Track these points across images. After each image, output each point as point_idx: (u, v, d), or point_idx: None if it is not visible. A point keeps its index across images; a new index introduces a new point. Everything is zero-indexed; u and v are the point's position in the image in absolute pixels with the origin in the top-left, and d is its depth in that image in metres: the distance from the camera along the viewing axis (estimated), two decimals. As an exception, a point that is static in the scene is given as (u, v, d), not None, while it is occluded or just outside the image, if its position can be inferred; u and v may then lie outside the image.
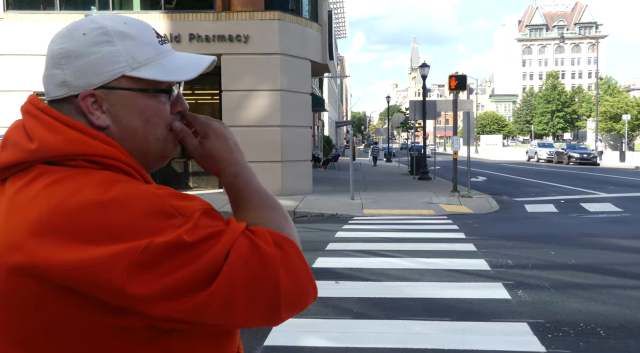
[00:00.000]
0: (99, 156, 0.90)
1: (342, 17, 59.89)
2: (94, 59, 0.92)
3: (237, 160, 1.01)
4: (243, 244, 0.87)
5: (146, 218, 0.84)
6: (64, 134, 0.90)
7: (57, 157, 0.89)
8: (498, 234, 9.23)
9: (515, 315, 4.79)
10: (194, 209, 0.88)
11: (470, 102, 18.18)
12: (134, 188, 0.87)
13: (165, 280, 0.82)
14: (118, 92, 0.93)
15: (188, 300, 0.83)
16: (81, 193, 0.85)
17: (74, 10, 14.83)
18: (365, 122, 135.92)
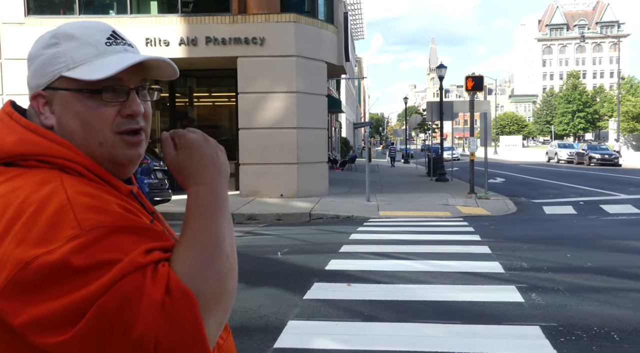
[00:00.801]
0: (49, 156, 0.92)
1: (359, 18, 59.80)
2: (42, 60, 0.96)
3: (205, 180, 0.94)
4: (131, 281, 0.81)
5: (45, 227, 0.82)
6: (18, 134, 0.93)
7: (12, 158, 0.92)
8: (514, 236, 9.15)
9: (527, 318, 4.74)
10: (99, 224, 0.83)
11: (487, 103, 18.04)
12: (54, 192, 0.86)
13: (36, 307, 0.79)
14: (59, 92, 0.95)
15: (53, 335, 0.79)
16: (15, 192, 0.87)
17: (92, 14, 15.05)
18: (384, 123, 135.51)
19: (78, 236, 0.81)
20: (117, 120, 0.97)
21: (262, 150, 14.70)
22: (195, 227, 0.91)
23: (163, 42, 14.66)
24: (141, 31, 14.63)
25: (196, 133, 0.98)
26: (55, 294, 0.79)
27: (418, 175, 25.92)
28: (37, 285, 0.80)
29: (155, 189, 11.07)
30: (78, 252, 0.80)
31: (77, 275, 0.80)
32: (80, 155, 0.94)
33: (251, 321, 4.69)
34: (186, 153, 0.96)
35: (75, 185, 0.89)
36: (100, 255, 0.81)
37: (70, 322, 0.79)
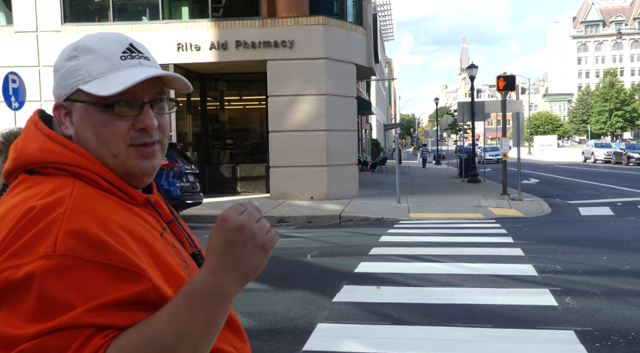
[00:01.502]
0: (66, 164, 0.94)
1: (389, 19, 59.56)
2: (63, 72, 0.99)
3: (210, 266, 0.85)
4: (59, 339, 0.79)
5: (28, 239, 0.84)
6: (39, 143, 0.96)
7: (33, 165, 0.96)
8: (548, 238, 8.97)
9: (561, 322, 4.64)
10: (73, 253, 0.82)
11: (519, 103, 17.75)
12: (57, 204, 0.87)
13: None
14: (77, 104, 0.98)
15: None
16: (29, 200, 0.89)
17: (126, 21, 15.35)
18: (414, 124, 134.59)
19: (48, 257, 0.82)
20: (131, 134, 0.98)
21: (292, 153, 14.76)
22: (168, 316, 0.83)
23: (194, 46, 14.85)
24: (173, 37, 14.86)
25: (241, 213, 0.87)
26: (6, 312, 0.81)
27: (449, 177, 25.65)
28: (0, 296, 0.82)
29: (187, 192, 11.21)
30: (42, 275, 0.81)
31: (29, 302, 0.80)
32: (96, 163, 0.96)
33: (280, 324, 4.71)
34: (213, 228, 0.87)
35: (83, 197, 0.90)
36: (58, 290, 0.80)
37: (5, 349, 0.81)
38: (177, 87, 1.08)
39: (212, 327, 0.85)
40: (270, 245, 0.88)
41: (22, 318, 0.80)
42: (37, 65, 15.26)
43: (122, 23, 15.20)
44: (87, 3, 16.26)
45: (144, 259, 0.89)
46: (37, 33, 15.29)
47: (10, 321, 0.81)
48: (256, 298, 5.51)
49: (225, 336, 1.01)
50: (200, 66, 15.77)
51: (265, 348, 4.17)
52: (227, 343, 1.02)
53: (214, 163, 17.78)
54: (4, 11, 15.64)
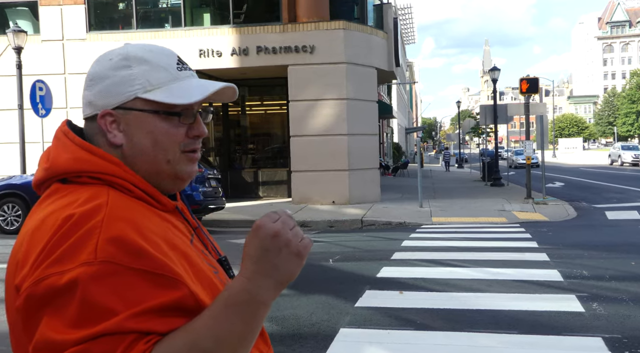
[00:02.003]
0: (100, 172, 0.96)
1: (410, 23, 59.40)
2: (113, 81, 0.99)
3: (247, 273, 0.87)
4: (103, 344, 0.81)
5: (69, 246, 0.85)
6: (72, 153, 0.98)
7: (66, 174, 0.97)
8: (574, 243, 8.83)
9: (588, 329, 4.55)
10: (114, 260, 0.84)
11: (543, 106, 17.53)
12: (94, 212, 0.89)
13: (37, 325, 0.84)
14: (133, 112, 0.99)
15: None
16: (65, 208, 0.91)
17: (149, 29, 15.55)
18: (436, 127, 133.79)
19: (90, 263, 0.83)
20: (185, 141, 1.02)
21: (314, 157, 14.78)
22: (207, 321, 0.85)
23: (216, 53, 14.99)
24: (195, 43, 15.01)
25: (276, 221, 0.88)
26: (51, 318, 0.83)
27: (472, 180, 25.42)
28: (43, 302, 0.84)
29: (210, 197, 11.29)
30: (85, 281, 0.83)
31: (72, 308, 0.82)
32: (129, 172, 0.97)
33: (303, 328, 4.70)
34: (249, 236, 0.89)
35: (120, 206, 0.92)
36: (101, 296, 0.82)
37: (49, 350, 0.82)
38: (223, 98, 1.10)
39: (249, 333, 0.87)
40: (305, 252, 0.89)
41: (66, 324, 0.82)
42: (63, 73, 15.54)
43: (145, 30, 15.40)
44: (112, 11, 16.52)
45: (180, 265, 0.91)
46: (63, 41, 15.58)
47: (54, 326, 0.82)
48: (279, 303, 5.51)
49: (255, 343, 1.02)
50: (222, 72, 15.89)
51: (287, 354, 4.16)
52: (255, 348, 1.03)
53: (236, 168, 17.88)
54: (32, 21, 15.96)
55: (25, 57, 13.02)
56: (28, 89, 12.35)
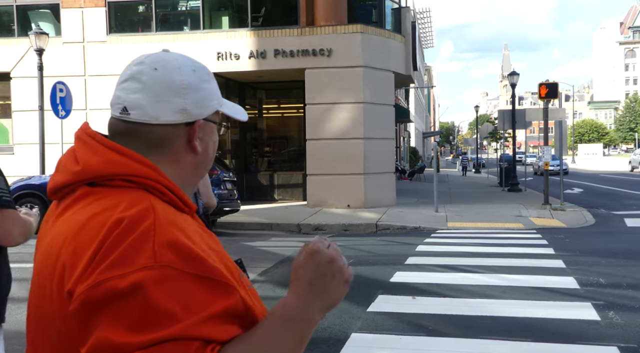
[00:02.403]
0: (135, 175, 0.96)
1: (429, 27, 59.27)
2: (206, 93, 1.05)
3: (301, 293, 0.92)
4: (169, 350, 0.82)
5: (124, 249, 0.85)
6: (103, 156, 0.97)
7: (98, 178, 0.96)
8: (591, 250, 8.71)
9: (604, 338, 4.49)
10: (172, 265, 0.85)
11: (562, 111, 17.35)
12: (144, 215, 0.89)
13: (95, 328, 0.83)
14: (210, 123, 1.06)
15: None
16: (110, 210, 0.91)
17: (168, 31, 15.70)
18: (454, 132, 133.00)
19: (150, 267, 0.84)
20: None
21: (330, 161, 14.78)
22: (265, 335, 0.90)
23: (234, 56, 15.07)
24: (213, 46, 15.12)
25: (328, 247, 0.94)
26: (112, 321, 0.83)
27: (489, 186, 25.23)
28: (103, 306, 0.84)
29: (225, 199, 11.35)
30: (147, 285, 0.83)
31: (135, 311, 0.83)
32: (162, 175, 0.98)
33: (315, 333, 4.66)
34: (304, 259, 0.94)
35: (163, 209, 0.93)
36: (163, 301, 0.83)
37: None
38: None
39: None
40: (350, 279, 0.96)
41: (128, 328, 0.82)
42: (83, 75, 15.74)
43: (164, 33, 15.56)
44: (131, 14, 16.70)
45: (225, 270, 0.93)
46: (84, 43, 15.79)
47: (116, 330, 0.82)
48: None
49: None
50: (240, 75, 15.98)
51: (298, 357, 4.16)
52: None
53: (252, 171, 17.95)
54: (53, 23, 16.21)
55: (46, 58, 13.22)
56: (48, 91, 12.53)
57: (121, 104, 1.01)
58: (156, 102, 1.00)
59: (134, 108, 1.00)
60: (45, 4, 16.40)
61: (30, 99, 14.52)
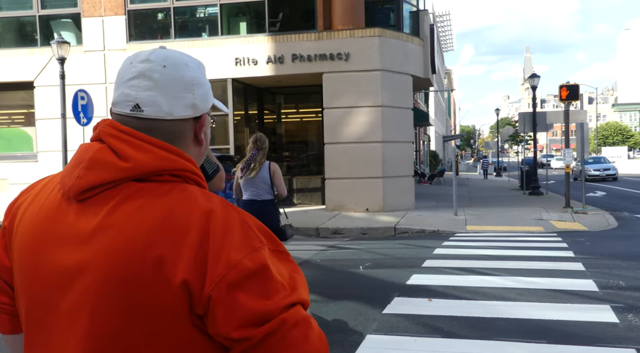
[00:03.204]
0: (181, 170, 1.03)
1: (448, 30, 58.96)
2: (207, 88, 1.13)
3: None
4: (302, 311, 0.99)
5: (240, 235, 0.98)
6: (153, 152, 1.01)
7: (148, 174, 1.00)
8: (612, 253, 8.57)
9: (622, 340, 4.42)
10: (265, 244, 1.00)
11: (583, 113, 17.11)
12: (225, 207, 1.02)
13: (237, 302, 0.95)
14: (207, 117, 1.14)
15: (240, 331, 0.95)
16: (187, 202, 1.00)
17: (187, 38, 15.88)
18: (475, 135, 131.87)
19: (263, 248, 0.99)
20: None
21: (348, 165, 14.79)
22: None
23: (251, 61, 15.19)
24: (231, 51, 15.26)
25: None
26: (253, 295, 0.95)
27: (510, 189, 24.96)
28: (241, 283, 0.94)
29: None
30: (268, 262, 0.97)
31: (267, 284, 0.96)
32: (198, 168, 1.09)
33: (330, 334, 4.71)
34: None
35: (222, 202, 1.05)
36: (279, 273, 0.99)
37: (256, 324, 0.94)
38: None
39: None
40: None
41: (266, 297, 0.95)
42: (104, 83, 16.00)
43: (183, 39, 15.74)
44: (151, 22, 16.94)
45: None
46: (104, 51, 16.05)
47: (256, 302, 0.94)
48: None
49: None
50: (258, 80, 16.09)
51: (313, 358, 4.18)
52: None
53: (271, 175, 17.97)
54: (75, 32, 16.51)
55: (68, 67, 13.47)
56: (70, 98, 12.76)
57: (132, 101, 1.04)
58: (170, 99, 1.03)
59: (148, 105, 1.03)
60: (67, 13, 16.71)
61: (53, 107, 14.81)
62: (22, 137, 16.96)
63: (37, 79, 16.08)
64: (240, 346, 0.94)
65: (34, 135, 16.55)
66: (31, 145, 16.72)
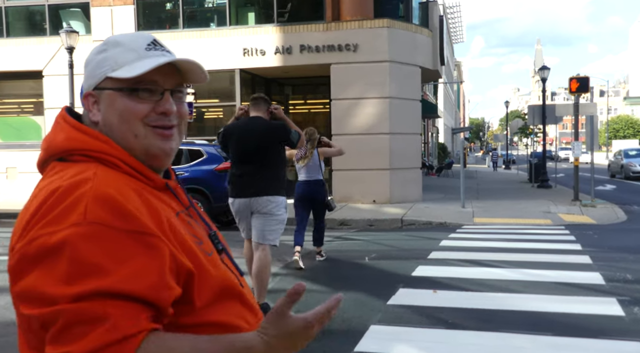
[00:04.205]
0: (89, 150, 1.02)
1: (459, 22, 58.49)
2: (93, 65, 1.08)
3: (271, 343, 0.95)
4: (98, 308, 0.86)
5: (59, 211, 0.92)
6: (65, 133, 1.05)
7: (62, 153, 1.04)
8: (620, 246, 8.52)
9: (628, 333, 4.40)
10: (101, 221, 0.90)
11: (593, 105, 16.96)
12: (82, 182, 0.95)
13: (27, 279, 0.90)
14: (105, 92, 1.06)
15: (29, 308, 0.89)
16: (54, 182, 0.98)
17: (195, 28, 15.86)
18: (484, 128, 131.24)
19: (78, 224, 0.89)
20: (151, 116, 1.06)
21: (355, 156, 14.73)
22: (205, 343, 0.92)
23: (259, 51, 15.15)
24: (239, 42, 15.23)
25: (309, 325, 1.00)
26: (42, 273, 0.88)
27: (518, 182, 24.85)
28: (35, 259, 0.89)
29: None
30: (75, 240, 0.88)
31: (63, 265, 0.87)
32: (117, 149, 1.04)
33: (334, 324, 4.72)
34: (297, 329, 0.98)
35: (105, 176, 0.98)
36: (91, 255, 0.88)
37: (42, 304, 0.87)
38: (194, 79, 1.15)
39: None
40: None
41: (58, 279, 0.86)
42: (113, 72, 16.02)
43: (191, 29, 15.73)
44: (159, 11, 16.93)
45: (159, 229, 0.97)
46: (113, 41, 16.06)
47: (45, 280, 0.87)
48: (312, 298, 5.54)
49: (239, 312, 1.08)
50: (265, 71, 16.05)
51: (317, 348, 4.18)
52: (242, 319, 1.09)
53: (278, 166, 17.97)
54: (84, 21, 16.54)
55: (77, 56, 13.49)
56: (79, 88, 12.79)
57: None
58: (84, 82, 1.11)
59: None
60: (76, 2, 16.73)
61: (62, 96, 14.84)
62: (31, 126, 17.06)
63: (46, 68, 16.14)
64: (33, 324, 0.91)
65: (43, 124, 16.64)
66: (40, 134, 16.80)
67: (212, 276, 1.02)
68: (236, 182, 5.01)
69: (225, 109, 16.22)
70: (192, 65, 1.10)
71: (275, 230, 4.96)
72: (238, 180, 5.00)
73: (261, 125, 5.06)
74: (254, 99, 5.25)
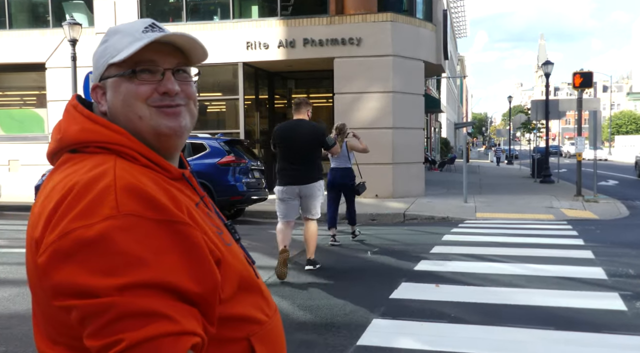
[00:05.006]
0: (106, 142, 1.01)
1: (462, 16, 58.31)
2: (97, 56, 1.09)
3: None
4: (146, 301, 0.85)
5: (87, 203, 0.90)
6: (80, 124, 1.04)
7: (75, 145, 1.03)
8: (622, 242, 8.52)
9: (630, 328, 4.40)
10: (135, 213, 0.90)
11: (596, 101, 16.92)
12: (104, 174, 0.94)
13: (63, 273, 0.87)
14: (109, 80, 1.06)
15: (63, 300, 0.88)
16: (72, 175, 0.96)
17: (199, 21, 15.84)
18: (487, 123, 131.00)
19: (114, 217, 0.88)
20: (154, 97, 1.05)
21: (358, 150, 14.72)
22: None
23: (263, 45, 15.12)
24: (242, 35, 15.20)
25: None
26: (83, 266, 0.86)
27: (521, 177, 24.83)
28: (72, 253, 0.87)
29: (253, 188, 11.43)
30: (113, 232, 0.87)
31: (105, 258, 0.86)
32: (134, 141, 1.03)
33: (336, 318, 4.74)
34: None
35: (125, 168, 0.97)
36: (132, 248, 0.87)
37: (86, 296, 0.85)
38: (195, 57, 1.12)
39: None
40: None
41: (97, 272, 0.85)
42: (116, 65, 16.00)
43: (194, 22, 15.70)
44: (162, 4, 16.89)
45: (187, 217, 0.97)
46: (116, 34, 16.03)
47: (84, 273, 0.85)
48: (314, 292, 5.57)
49: (258, 304, 1.08)
50: (269, 64, 16.03)
51: (319, 341, 4.20)
52: (260, 311, 1.08)
53: (281, 160, 17.96)
54: (87, 14, 16.51)
55: (79, 49, 13.49)
56: (82, 80, 12.79)
57: None
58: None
59: None
60: (79, -5, 16.71)
61: (65, 88, 14.85)
62: (33, 118, 17.08)
63: (48, 61, 16.13)
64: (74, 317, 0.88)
65: (46, 117, 16.65)
66: (42, 127, 16.82)
67: (233, 267, 1.01)
68: (287, 174, 6.30)
69: (228, 102, 16.20)
70: (188, 40, 1.08)
71: (317, 207, 6.40)
72: (289, 172, 6.29)
73: (306, 129, 6.37)
74: (297, 104, 6.51)
